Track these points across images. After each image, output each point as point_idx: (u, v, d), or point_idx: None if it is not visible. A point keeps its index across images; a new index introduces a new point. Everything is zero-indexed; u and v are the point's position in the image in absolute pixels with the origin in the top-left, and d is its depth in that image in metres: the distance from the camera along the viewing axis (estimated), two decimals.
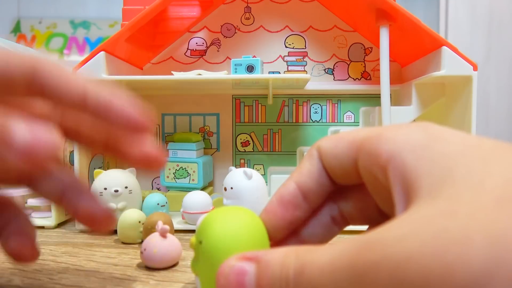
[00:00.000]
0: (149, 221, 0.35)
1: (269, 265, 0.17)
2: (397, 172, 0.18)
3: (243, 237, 0.21)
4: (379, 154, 0.18)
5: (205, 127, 0.54)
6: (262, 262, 0.18)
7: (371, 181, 0.20)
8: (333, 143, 0.22)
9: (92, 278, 0.28)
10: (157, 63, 0.54)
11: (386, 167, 0.18)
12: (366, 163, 0.20)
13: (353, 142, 0.21)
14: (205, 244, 0.21)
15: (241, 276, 0.18)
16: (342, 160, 0.21)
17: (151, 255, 0.30)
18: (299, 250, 0.17)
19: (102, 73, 0.41)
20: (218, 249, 0.20)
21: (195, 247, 0.22)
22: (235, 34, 0.53)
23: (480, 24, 1.58)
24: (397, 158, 0.18)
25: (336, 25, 0.53)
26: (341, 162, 0.21)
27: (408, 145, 0.18)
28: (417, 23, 0.41)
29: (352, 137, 0.21)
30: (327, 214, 0.24)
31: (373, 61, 0.53)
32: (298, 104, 0.54)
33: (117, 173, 0.40)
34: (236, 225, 0.21)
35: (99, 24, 2.13)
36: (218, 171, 0.54)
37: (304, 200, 0.23)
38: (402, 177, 0.17)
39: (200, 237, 0.21)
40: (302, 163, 0.23)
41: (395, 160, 0.18)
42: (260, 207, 0.39)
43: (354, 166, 0.21)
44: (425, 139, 0.18)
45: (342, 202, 0.24)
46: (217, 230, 0.21)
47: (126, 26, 0.42)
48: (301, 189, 0.23)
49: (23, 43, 2.06)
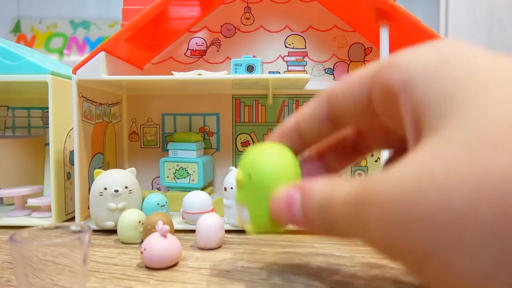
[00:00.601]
0: (149, 221, 0.35)
1: (312, 193, 0.21)
2: (408, 104, 0.18)
3: (284, 168, 0.25)
4: (391, 84, 0.19)
5: (205, 127, 0.54)
6: (306, 191, 0.21)
7: (387, 113, 0.20)
8: (344, 84, 0.22)
9: (92, 278, 0.29)
10: (157, 63, 0.54)
11: (398, 98, 0.18)
12: (379, 96, 0.20)
13: (365, 78, 0.21)
14: (255, 177, 0.25)
15: (290, 201, 0.22)
16: (355, 99, 0.22)
17: (151, 255, 0.30)
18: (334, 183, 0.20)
19: (102, 73, 0.41)
20: (268, 180, 0.24)
21: (243, 181, 0.26)
22: (235, 34, 0.53)
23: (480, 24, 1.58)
24: (407, 88, 0.18)
25: (336, 25, 0.53)
26: (354, 101, 0.22)
27: (418, 72, 0.18)
28: (417, 23, 0.41)
29: (364, 73, 0.21)
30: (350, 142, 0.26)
31: (373, 61, 0.53)
32: (298, 104, 0.54)
33: (117, 173, 0.40)
34: (278, 159, 0.25)
35: (99, 24, 2.13)
36: (218, 171, 0.54)
37: (301, 139, 0.26)
38: (412, 109, 0.18)
39: (248, 171, 0.25)
40: (308, 104, 0.25)
41: (406, 90, 0.18)
42: None
43: (368, 103, 0.21)
44: (435, 62, 0.17)
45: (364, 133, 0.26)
46: (265, 165, 0.25)
47: (126, 26, 0.42)
48: (299, 129, 0.25)
49: (23, 43, 2.06)
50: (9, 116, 0.57)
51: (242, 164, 0.26)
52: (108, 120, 0.50)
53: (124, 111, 0.55)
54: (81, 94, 0.42)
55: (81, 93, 0.42)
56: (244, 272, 0.30)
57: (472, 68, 0.16)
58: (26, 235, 0.23)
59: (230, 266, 0.31)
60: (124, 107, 0.55)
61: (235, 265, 0.31)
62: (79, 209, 0.42)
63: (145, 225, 0.35)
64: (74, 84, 0.41)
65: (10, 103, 0.57)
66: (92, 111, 0.45)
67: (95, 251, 0.35)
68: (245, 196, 0.26)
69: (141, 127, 0.55)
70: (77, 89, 0.41)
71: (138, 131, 0.55)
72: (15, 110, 0.57)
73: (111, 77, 0.42)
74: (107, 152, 0.49)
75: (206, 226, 0.35)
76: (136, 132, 0.55)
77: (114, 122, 0.52)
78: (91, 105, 0.45)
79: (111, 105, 0.51)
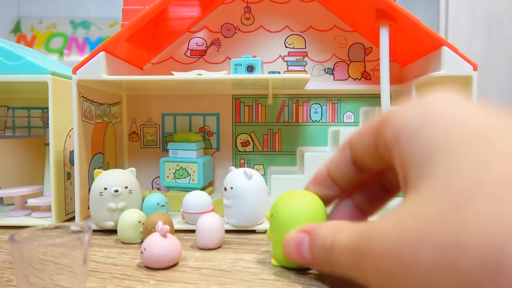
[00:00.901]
0: (149, 221, 0.35)
1: (317, 237, 0.23)
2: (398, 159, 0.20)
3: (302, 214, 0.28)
4: (387, 139, 0.21)
5: (205, 127, 0.54)
6: (313, 234, 0.24)
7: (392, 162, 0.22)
8: (360, 133, 0.25)
9: (92, 278, 0.29)
10: (157, 63, 0.54)
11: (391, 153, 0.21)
12: (382, 148, 0.22)
13: (373, 129, 0.23)
14: (275, 217, 0.29)
15: (299, 244, 0.25)
16: (368, 148, 0.24)
17: (151, 255, 0.30)
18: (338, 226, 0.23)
19: (102, 73, 0.41)
20: (284, 222, 0.28)
21: (269, 219, 0.30)
22: (235, 34, 0.53)
23: (480, 24, 1.58)
24: (397, 144, 0.20)
25: (336, 25, 0.53)
26: (367, 149, 0.24)
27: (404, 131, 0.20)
28: (417, 23, 0.41)
29: (373, 124, 0.23)
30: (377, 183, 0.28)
31: (373, 61, 0.53)
32: (298, 104, 0.54)
33: (117, 173, 0.40)
34: (297, 204, 0.28)
35: (99, 24, 2.13)
36: (218, 171, 0.54)
37: (333, 183, 0.28)
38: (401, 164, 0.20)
39: (272, 211, 0.30)
40: (335, 152, 0.28)
41: (396, 146, 0.20)
42: (260, 207, 0.40)
43: (376, 150, 0.23)
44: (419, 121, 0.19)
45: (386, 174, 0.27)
46: (283, 208, 0.29)
47: (126, 26, 0.42)
48: (331, 174, 0.28)
49: (23, 43, 2.06)
50: (9, 116, 0.57)
51: (272, 205, 0.30)
52: (108, 120, 0.50)
53: (124, 111, 0.55)
54: (81, 94, 0.42)
55: (81, 93, 0.42)
56: (244, 272, 0.30)
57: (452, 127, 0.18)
58: (26, 235, 0.23)
59: (230, 266, 0.31)
60: (124, 107, 0.55)
61: (235, 265, 0.31)
62: (79, 209, 0.41)
63: (145, 225, 0.35)
64: (74, 84, 0.41)
65: (10, 103, 0.57)
66: (92, 111, 0.45)
67: (95, 251, 0.35)
68: (270, 232, 0.30)
69: (141, 127, 0.55)
70: (77, 89, 0.41)
71: (138, 131, 0.55)
72: (15, 110, 0.57)
73: (111, 77, 0.42)
74: (107, 152, 0.49)
75: (206, 226, 0.35)
76: (136, 132, 0.55)
77: (114, 122, 0.52)
78: (91, 105, 0.45)
79: (111, 105, 0.51)
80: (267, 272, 0.30)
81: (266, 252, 0.34)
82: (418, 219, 0.17)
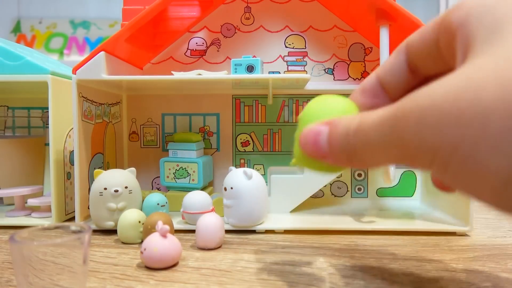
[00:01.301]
0: (149, 221, 0.35)
1: (338, 125, 0.22)
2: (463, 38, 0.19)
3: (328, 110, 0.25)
4: (452, 23, 0.20)
5: (205, 127, 0.54)
6: (333, 124, 0.22)
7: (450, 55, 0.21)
8: (420, 31, 0.23)
9: (92, 278, 0.29)
10: (157, 63, 0.54)
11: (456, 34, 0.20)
12: (444, 38, 0.21)
13: (435, 23, 0.22)
14: (300, 115, 0.27)
15: (316, 135, 0.23)
16: (429, 44, 0.22)
17: (151, 255, 0.30)
18: (362, 114, 0.21)
19: (102, 73, 0.41)
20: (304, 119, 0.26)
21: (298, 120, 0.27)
22: (235, 34, 0.53)
23: None
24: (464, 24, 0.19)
25: (336, 25, 0.53)
26: (428, 46, 0.23)
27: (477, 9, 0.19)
28: (417, 23, 0.41)
29: (436, 19, 0.22)
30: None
31: (373, 61, 0.53)
32: (298, 104, 0.54)
33: (117, 173, 0.40)
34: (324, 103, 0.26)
35: (99, 24, 2.13)
36: (218, 171, 0.54)
37: (383, 90, 0.26)
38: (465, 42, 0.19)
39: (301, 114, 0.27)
40: (388, 57, 0.26)
41: (462, 25, 0.19)
42: (260, 207, 0.40)
43: (436, 46, 0.22)
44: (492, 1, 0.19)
45: None
46: (308, 106, 0.26)
47: (126, 26, 0.42)
48: (380, 81, 0.26)
49: (23, 43, 2.06)
50: (9, 116, 0.57)
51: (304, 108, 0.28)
52: (108, 120, 0.50)
53: (124, 111, 0.55)
54: (81, 94, 0.42)
55: (81, 93, 0.42)
56: (244, 272, 0.30)
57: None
58: (26, 235, 0.23)
59: (230, 266, 0.31)
60: (124, 107, 0.55)
61: (235, 265, 0.31)
62: (79, 209, 0.41)
63: (145, 225, 0.35)
64: (74, 84, 0.41)
65: (10, 103, 0.57)
66: (92, 111, 0.45)
67: (95, 251, 0.35)
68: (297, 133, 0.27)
69: (141, 127, 0.55)
70: (77, 89, 0.41)
71: (138, 131, 0.55)
72: (15, 110, 0.57)
73: (111, 77, 0.42)
74: (107, 152, 0.49)
75: (206, 226, 0.35)
76: (136, 132, 0.55)
77: (114, 122, 0.52)
78: (91, 105, 0.45)
79: (111, 105, 0.51)
80: (267, 272, 0.30)
81: (266, 252, 0.34)
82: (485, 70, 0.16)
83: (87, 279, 0.28)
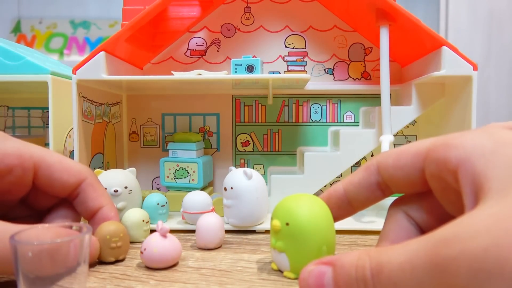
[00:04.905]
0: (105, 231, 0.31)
1: (344, 267, 0.20)
2: (468, 176, 0.19)
3: (320, 220, 0.27)
4: (449, 161, 0.21)
5: (205, 127, 0.54)
6: (337, 265, 0.20)
7: (439, 186, 0.22)
8: (395, 157, 0.24)
9: (92, 278, 0.29)
10: (157, 63, 0.54)
11: (456, 172, 0.20)
12: (434, 171, 0.22)
13: (417, 154, 0.23)
14: (293, 226, 0.27)
15: (320, 278, 0.21)
16: (407, 171, 0.24)
17: (151, 255, 0.30)
18: (371, 252, 0.19)
19: (102, 73, 0.41)
20: (305, 229, 0.27)
21: (280, 229, 0.28)
22: (235, 34, 0.53)
23: (480, 24, 1.58)
24: (467, 163, 0.20)
25: (336, 25, 0.53)
26: (406, 173, 0.24)
27: (477, 151, 0.20)
28: (417, 23, 0.41)
29: (415, 149, 0.23)
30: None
31: (373, 61, 0.53)
32: (298, 104, 0.54)
33: (117, 173, 0.40)
34: (314, 210, 0.27)
35: (99, 24, 2.13)
36: (218, 171, 0.54)
37: (349, 204, 0.27)
38: (472, 180, 0.19)
39: (286, 220, 0.27)
40: (356, 172, 0.27)
41: (465, 165, 0.20)
42: (260, 207, 0.40)
43: (420, 175, 0.23)
44: (492, 144, 0.19)
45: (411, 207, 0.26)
46: (302, 215, 0.27)
47: (126, 26, 0.42)
48: (347, 195, 0.27)
49: (23, 43, 2.06)
50: (9, 116, 0.57)
51: (278, 212, 0.28)
52: (108, 120, 0.50)
53: (124, 111, 0.55)
54: (81, 94, 0.42)
55: (81, 93, 0.42)
56: (244, 272, 0.30)
57: None
58: (26, 235, 0.23)
59: (230, 266, 0.31)
60: (124, 107, 0.55)
61: (235, 265, 0.31)
62: None
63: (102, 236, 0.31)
64: (74, 84, 0.41)
65: (10, 103, 0.57)
66: (92, 111, 0.45)
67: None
68: (283, 244, 0.28)
69: (141, 127, 0.55)
70: (77, 89, 0.41)
71: (138, 131, 0.55)
72: (15, 110, 0.57)
73: (111, 77, 0.42)
74: (107, 152, 0.49)
75: (206, 226, 0.35)
76: (136, 132, 0.55)
77: (114, 122, 0.52)
78: (91, 105, 0.45)
79: (111, 105, 0.51)
80: (267, 272, 0.30)
81: (266, 252, 0.34)
82: None
83: (87, 279, 0.28)
